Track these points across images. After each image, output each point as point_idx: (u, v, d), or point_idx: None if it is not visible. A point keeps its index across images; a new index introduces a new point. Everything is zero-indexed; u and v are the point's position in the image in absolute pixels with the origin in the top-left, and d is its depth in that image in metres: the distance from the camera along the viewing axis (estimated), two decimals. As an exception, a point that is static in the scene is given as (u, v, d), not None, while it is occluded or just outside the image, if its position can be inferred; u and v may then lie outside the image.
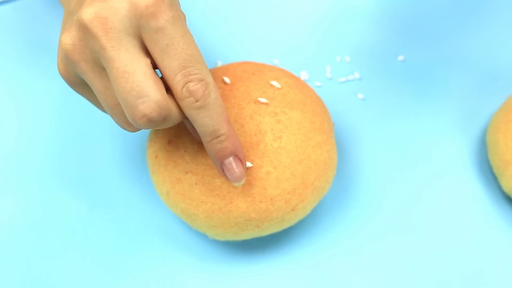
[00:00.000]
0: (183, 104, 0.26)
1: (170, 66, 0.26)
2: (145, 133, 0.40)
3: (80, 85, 0.28)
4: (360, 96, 0.42)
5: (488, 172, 0.39)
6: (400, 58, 0.43)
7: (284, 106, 0.32)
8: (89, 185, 0.38)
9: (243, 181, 0.29)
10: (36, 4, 0.46)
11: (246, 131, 0.31)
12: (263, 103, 0.32)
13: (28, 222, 0.37)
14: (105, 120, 0.41)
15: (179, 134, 0.32)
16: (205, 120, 0.27)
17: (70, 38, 0.26)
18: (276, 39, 0.45)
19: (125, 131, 0.40)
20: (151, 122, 0.25)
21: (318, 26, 0.45)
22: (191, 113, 0.26)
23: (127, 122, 0.28)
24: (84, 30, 0.25)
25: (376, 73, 0.43)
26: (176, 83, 0.26)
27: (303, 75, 0.42)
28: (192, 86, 0.26)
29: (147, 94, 0.25)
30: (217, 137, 0.27)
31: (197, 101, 0.26)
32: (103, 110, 0.30)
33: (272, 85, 0.34)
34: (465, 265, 0.35)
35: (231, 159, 0.28)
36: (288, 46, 0.44)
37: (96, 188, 0.38)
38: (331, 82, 0.43)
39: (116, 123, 0.28)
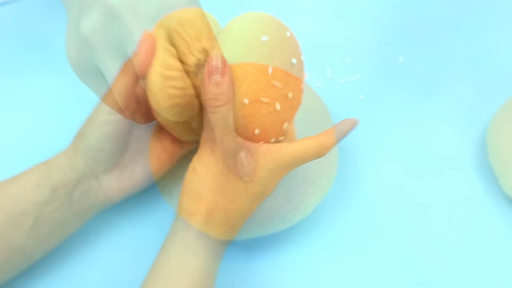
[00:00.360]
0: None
1: (197, 56, 0.26)
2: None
3: (91, 74, 0.28)
4: (361, 97, 0.42)
5: (489, 172, 0.39)
6: (401, 59, 0.44)
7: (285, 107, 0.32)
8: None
9: (251, 176, 0.30)
10: (36, 5, 0.46)
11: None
12: (264, 103, 0.32)
13: (28, 222, 0.37)
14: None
15: (182, 135, 0.32)
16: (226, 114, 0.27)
17: (91, 23, 0.26)
18: (277, 40, 0.45)
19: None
20: (176, 106, 0.26)
21: (318, 27, 0.45)
22: (215, 105, 0.27)
23: (138, 112, 0.28)
24: (110, 15, 0.25)
25: (376, 74, 0.43)
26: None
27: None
28: (218, 78, 0.27)
29: (176, 79, 0.25)
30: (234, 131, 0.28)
31: (221, 94, 0.27)
32: (109, 103, 0.30)
33: (273, 85, 0.34)
34: (465, 265, 0.35)
35: (243, 154, 0.29)
36: (289, 47, 0.44)
37: (97, 188, 0.38)
38: (332, 83, 0.43)
39: (126, 114, 0.28)
